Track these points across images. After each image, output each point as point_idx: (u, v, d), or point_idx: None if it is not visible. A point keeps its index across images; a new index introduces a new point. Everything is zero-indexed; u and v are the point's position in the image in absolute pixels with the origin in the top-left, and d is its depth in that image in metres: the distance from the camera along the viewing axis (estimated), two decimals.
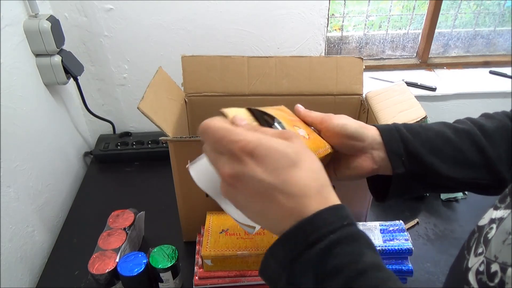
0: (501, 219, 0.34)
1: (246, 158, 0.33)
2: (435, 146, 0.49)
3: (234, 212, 0.41)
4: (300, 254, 0.32)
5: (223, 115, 0.40)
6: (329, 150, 0.51)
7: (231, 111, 0.41)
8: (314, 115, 0.53)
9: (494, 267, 0.32)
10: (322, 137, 0.52)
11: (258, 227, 0.41)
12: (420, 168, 0.49)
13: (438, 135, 0.50)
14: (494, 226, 0.34)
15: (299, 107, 0.54)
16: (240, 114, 0.42)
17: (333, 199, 0.35)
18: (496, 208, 0.36)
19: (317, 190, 0.34)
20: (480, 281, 0.33)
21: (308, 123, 0.53)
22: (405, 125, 0.52)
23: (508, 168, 0.48)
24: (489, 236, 0.34)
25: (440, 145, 0.49)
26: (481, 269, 0.33)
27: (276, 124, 0.46)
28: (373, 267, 0.31)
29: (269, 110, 0.48)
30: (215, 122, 0.35)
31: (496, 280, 0.31)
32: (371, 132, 0.51)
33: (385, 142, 0.50)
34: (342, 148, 0.52)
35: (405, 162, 0.49)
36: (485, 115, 0.53)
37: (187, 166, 0.44)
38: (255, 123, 0.44)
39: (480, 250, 0.35)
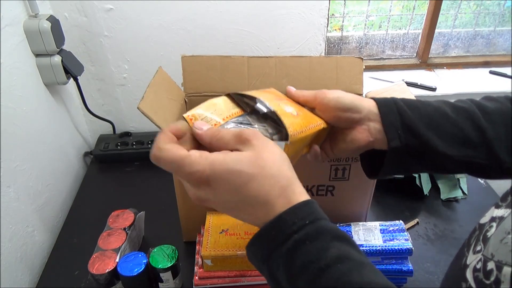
0: (501, 218, 0.34)
1: (205, 187, 0.35)
2: (433, 121, 0.48)
3: None
4: (272, 253, 0.34)
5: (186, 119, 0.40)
6: (323, 125, 0.50)
7: (199, 111, 0.41)
8: (307, 93, 0.52)
9: (490, 265, 0.32)
10: (316, 114, 0.51)
11: None
12: (416, 143, 0.48)
13: (437, 111, 0.49)
14: (494, 224, 0.34)
15: (291, 88, 0.54)
16: (213, 107, 0.42)
17: (297, 198, 0.36)
18: (497, 206, 0.36)
19: (278, 195, 0.35)
20: (476, 279, 0.33)
21: (301, 103, 0.52)
22: (403, 99, 0.51)
23: (506, 150, 0.47)
24: (489, 234, 0.34)
25: (438, 121, 0.49)
26: (478, 266, 0.33)
27: (258, 104, 0.45)
28: (336, 260, 0.33)
29: (253, 92, 0.47)
30: (164, 155, 0.36)
31: (492, 278, 0.31)
32: (367, 104, 0.50)
33: (382, 113, 0.49)
34: (338, 122, 0.51)
35: (401, 135, 0.48)
36: (487, 97, 0.52)
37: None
38: (237, 110, 0.44)
39: (478, 248, 0.35)
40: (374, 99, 0.51)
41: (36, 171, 0.84)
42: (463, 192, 0.96)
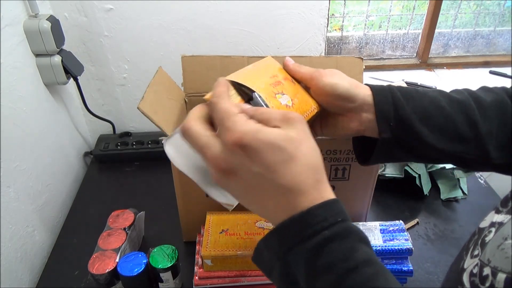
0: (501, 224, 0.34)
1: (240, 152, 0.32)
2: (427, 114, 0.48)
3: (214, 192, 0.40)
4: (293, 247, 0.32)
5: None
6: (316, 110, 0.49)
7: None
8: (304, 71, 0.50)
9: (486, 270, 0.32)
10: (311, 94, 0.50)
11: (235, 203, 0.41)
12: (407, 135, 0.48)
13: (432, 103, 0.49)
14: (493, 230, 0.34)
15: (288, 60, 0.52)
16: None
17: (328, 195, 0.34)
18: (497, 211, 0.36)
19: (312, 187, 0.33)
20: (472, 283, 0.33)
21: (297, 80, 0.51)
22: (399, 88, 0.50)
23: (496, 145, 0.47)
24: (487, 239, 0.34)
25: (432, 113, 0.48)
26: (474, 271, 0.33)
27: (255, 99, 0.43)
28: (364, 263, 0.31)
29: (251, 74, 0.46)
30: (222, 102, 0.35)
31: (487, 284, 0.31)
32: (362, 92, 0.49)
33: (376, 104, 0.48)
34: (330, 108, 0.50)
35: (392, 127, 0.48)
36: (484, 88, 0.52)
37: (162, 140, 0.42)
38: (238, 98, 0.42)
39: (476, 252, 0.35)
40: (370, 87, 0.50)
41: (36, 171, 0.84)
42: (463, 192, 0.96)
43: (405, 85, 0.73)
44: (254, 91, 0.43)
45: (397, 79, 1.39)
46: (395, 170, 0.95)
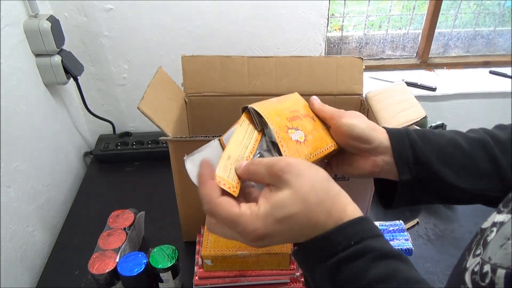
0: (502, 223, 0.34)
1: (260, 239, 0.38)
2: (446, 153, 0.48)
3: None
4: (316, 265, 0.37)
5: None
6: (333, 148, 0.51)
7: (219, 173, 0.40)
8: (326, 110, 0.52)
9: (486, 267, 0.32)
10: (330, 133, 0.52)
11: None
12: (427, 176, 0.48)
13: (450, 143, 0.49)
14: (495, 229, 0.35)
15: (314, 99, 0.54)
16: (237, 144, 0.44)
17: (344, 216, 0.37)
18: (499, 212, 0.36)
19: (325, 219, 0.37)
20: (474, 281, 0.33)
21: (320, 118, 0.53)
22: (416, 130, 0.51)
23: None
24: (489, 239, 0.35)
25: (451, 153, 0.48)
26: (476, 269, 0.34)
27: (266, 132, 0.47)
28: (379, 280, 0.34)
29: (272, 107, 0.48)
30: (219, 211, 0.38)
31: (487, 280, 0.31)
32: (379, 135, 0.49)
33: (394, 147, 0.49)
34: (347, 147, 0.51)
35: (412, 169, 0.48)
36: (499, 126, 0.52)
37: (184, 157, 0.44)
38: (255, 133, 0.46)
39: (478, 252, 0.35)
40: (387, 130, 0.51)
41: (36, 171, 0.84)
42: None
43: (405, 85, 0.73)
44: (268, 124, 0.46)
45: (397, 79, 1.39)
46: None
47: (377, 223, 0.75)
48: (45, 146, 0.89)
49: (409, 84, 1.36)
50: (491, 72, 1.45)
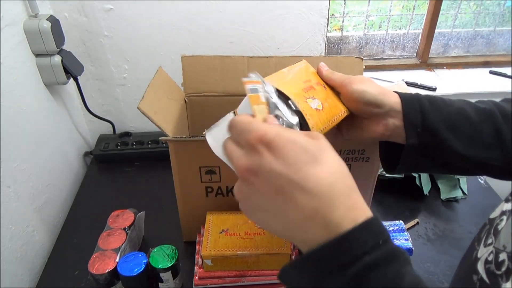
0: (511, 211, 0.34)
1: (263, 149, 0.30)
2: (453, 122, 0.49)
3: None
4: (331, 274, 0.28)
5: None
6: (345, 114, 0.51)
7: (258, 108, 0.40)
8: (335, 78, 0.53)
9: (502, 256, 0.32)
10: (341, 99, 0.53)
11: None
12: (433, 142, 0.49)
13: (458, 112, 0.50)
14: (505, 217, 0.35)
15: (322, 66, 0.54)
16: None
17: (362, 206, 0.31)
18: (507, 200, 0.37)
19: (343, 192, 0.30)
20: (488, 270, 0.33)
21: (329, 85, 0.54)
22: (427, 97, 0.51)
23: None
24: (499, 227, 0.35)
25: (458, 122, 0.49)
26: (489, 258, 0.34)
27: (291, 103, 0.46)
28: None
29: (286, 79, 0.49)
30: (240, 116, 0.34)
31: (503, 269, 0.31)
32: (390, 99, 0.50)
33: (404, 112, 0.50)
34: (358, 113, 0.52)
35: (420, 134, 0.49)
36: (506, 99, 0.53)
37: (204, 132, 0.44)
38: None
39: (489, 241, 0.35)
40: (399, 94, 0.51)
41: (36, 171, 0.84)
42: (463, 192, 0.96)
43: (405, 85, 0.73)
44: (290, 98, 0.46)
45: (397, 79, 1.39)
46: None
47: None
48: (45, 146, 0.89)
49: (409, 84, 1.36)
50: (491, 72, 1.45)
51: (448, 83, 1.39)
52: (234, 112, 0.48)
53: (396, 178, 0.95)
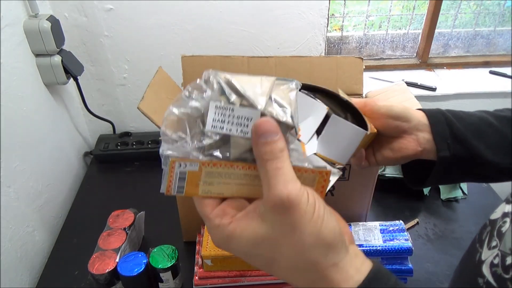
0: None
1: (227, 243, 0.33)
2: (479, 130, 0.50)
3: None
4: None
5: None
6: (375, 130, 0.50)
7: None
8: (356, 100, 0.52)
9: (509, 259, 0.32)
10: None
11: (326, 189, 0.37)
12: (464, 153, 0.49)
13: (481, 120, 0.51)
14: (508, 220, 0.35)
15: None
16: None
17: (358, 270, 0.30)
18: (508, 202, 0.37)
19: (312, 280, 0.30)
20: (495, 274, 0.33)
21: None
22: (448, 110, 0.52)
23: None
24: (503, 229, 0.34)
25: (484, 130, 0.50)
26: (495, 261, 0.33)
27: (341, 95, 0.45)
28: None
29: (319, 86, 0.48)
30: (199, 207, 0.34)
31: (511, 273, 0.31)
32: (416, 114, 0.51)
33: (432, 123, 0.50)
34: (386, 130, 0.51)
35: (450, 145, 0.49)
36: None
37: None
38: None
39: (494, 244, 0.35)
40: (423, 110, 0.52)
41: (36, 171, 0.84)
42: (463, 192, 0.96)
43: (405, 85, 0.73)
44: (339, 90, 0.46)
45: (397, 79, 1.39)
46: (395, 170, 0.95)
47: (377, 223, 0.75)
48: (45, 146, 0.89)
49: (409, 84, 1.36)
50: (491, 72, 1.45)
51: (448, 83, 1.39)
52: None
53: (396, 178, 0.95)
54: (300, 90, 0.45)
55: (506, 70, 1.44)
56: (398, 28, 1.46)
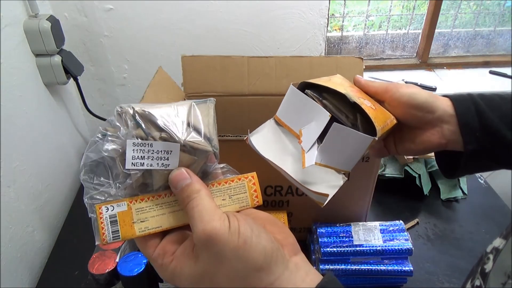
0: (497, 250, 0.32)
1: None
2: None
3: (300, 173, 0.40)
4: None
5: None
6: (394, 121, 0.46)
7: None
8: (377, 85, 0.48)
9: None
10: (385, 108, 0.48)
11: (331, 195, 0.39)
12: (495, 145, 0.44)
13: None
14: (491, 257, 0.32)
15: (359, 77, 0.50)
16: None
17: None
18: (500, 234, 0.34)
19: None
20: None
21: (370, 94, 0.49)
22: (481, 96, 0.47)
23: None
24: (486, 268, 0.32)
25: None
26: None
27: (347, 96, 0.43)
28: None
29: (330, 83, 0.45)
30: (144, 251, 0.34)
31: None
32: (442, 103, 0.46)
33: (458, 114, 0.45)
34: (408, 120, 0.47)
35: (479, 137, 0.44)
36: None
37: (245, 138, 0.43)
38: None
39: (477, 283, 0.33)
40: (450, 97, 0.47)
41: (36, 171, 0.84)
42: (463, 192, 0.96)
43: None
44: (344, 92, 0.43)
45: (397, 79, 1.39)
46: (395, 170, 0.95)
47: (377, 223, 0.75)
48: (45, 146, 0.89)
49: (409, 84, 1.36)
50: (491, 72, 1.45)
51: (448, 83, 1.39)
52: (274, 118, 0.44)
53: (396, 178, 0.95)
54: (305, 92, 0.45)
55: (506, 70, 1.44)
56: (398, 28, 1.46)
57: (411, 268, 0.70)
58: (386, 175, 0.95)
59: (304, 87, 0.47)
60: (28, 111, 0.82)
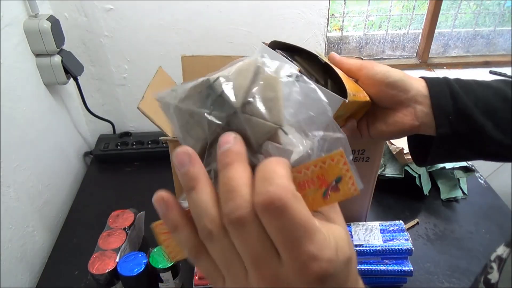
0: (501, 259, 0.31)
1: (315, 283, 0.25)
2: (491, 106, 0.43)
3: None
4: None
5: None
6: (367, 98, 0.45)
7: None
8: (352, 62, 0.46)
9: None
10: (359, 86, 0.46)
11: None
12: (468, 130, 0.43)
13: (497, 94, 0.44)
14: (495, 266, 0.31)
15: (334, 54, 0.48)
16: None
17: None
18: (506, 243, 0.33)
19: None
20: None
21: (344, 71, 0.46)
22: (457, 80, 0.46)
23: None
24: (491, 279, 0.31)
25: (496, 106, 0.43)
26: None
27: (318, 57, 0.40)
28: None
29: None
30: (296, 208, 0.22)
31: None
32: (416, 83, 0.45)
33: (432, 95, 0.44)
34: (381, 99, 0.46)
35: (452, 121, 0.43)
36: None
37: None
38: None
39: None
40: (425, 78, 0.46)
41: (36, 171, 0.84)
42: (463, 192, 0.96)
43: None
44: (316, 52, 0.41)
45: None
46: (395, 170, 0.95)
47: (377, 223, 0.75)
48: (45, 146, 0.89)
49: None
50: (491, 72, 1.45)
51: None
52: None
53: (396, 178, 0.95)
54: (276, 50, 0.43)
55: (506, 70, 1.45)
56: (398, 28, 1.46)
57: (411, 268, 0.70)
58: (386, 175, 0.95)
59: (275, 47, 0.44)
60: (28, 111, 0.82)
